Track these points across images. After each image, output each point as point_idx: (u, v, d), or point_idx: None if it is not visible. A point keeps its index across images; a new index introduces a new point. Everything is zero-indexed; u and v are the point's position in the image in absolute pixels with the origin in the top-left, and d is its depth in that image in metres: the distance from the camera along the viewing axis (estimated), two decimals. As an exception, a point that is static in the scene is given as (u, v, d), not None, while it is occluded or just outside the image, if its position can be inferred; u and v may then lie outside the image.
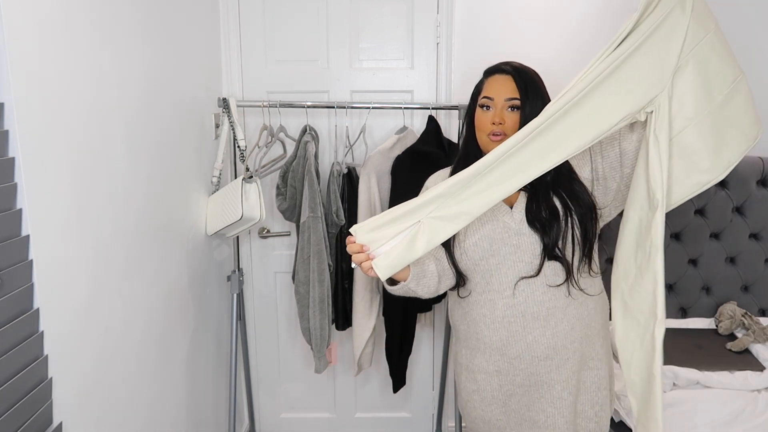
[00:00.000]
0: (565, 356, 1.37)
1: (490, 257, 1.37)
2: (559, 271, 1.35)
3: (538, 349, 1.36)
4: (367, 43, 2.18)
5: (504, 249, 1.36)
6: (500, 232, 1.36)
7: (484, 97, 1.39)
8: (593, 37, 2.12)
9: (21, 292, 1.00)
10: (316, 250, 1.89)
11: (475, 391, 1.46)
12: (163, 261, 1.61)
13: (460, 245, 1.39)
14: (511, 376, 1.41)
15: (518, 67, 1.40)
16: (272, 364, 2.46)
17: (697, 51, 1.18)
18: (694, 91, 1.18)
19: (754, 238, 2.22)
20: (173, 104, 1.67)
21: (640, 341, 1.21)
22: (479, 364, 1.44)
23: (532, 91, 1.35)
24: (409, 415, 2.50)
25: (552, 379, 1.39)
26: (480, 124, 1.39)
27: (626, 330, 1.25)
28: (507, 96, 1.36)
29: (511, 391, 1.42)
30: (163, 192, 1.61)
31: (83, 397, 1.21)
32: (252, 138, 2.14)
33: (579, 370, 1.40)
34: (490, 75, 1.42)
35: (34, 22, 1.02)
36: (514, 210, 1.37)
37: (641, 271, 1.21)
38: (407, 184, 1.92)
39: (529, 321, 1.36)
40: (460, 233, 1.38)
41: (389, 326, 1.99)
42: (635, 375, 1.23)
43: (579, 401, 1.42)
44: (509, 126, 1.35)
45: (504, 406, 1.44)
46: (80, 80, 1.18)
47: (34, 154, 1.03)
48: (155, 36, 1.55)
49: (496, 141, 1.34)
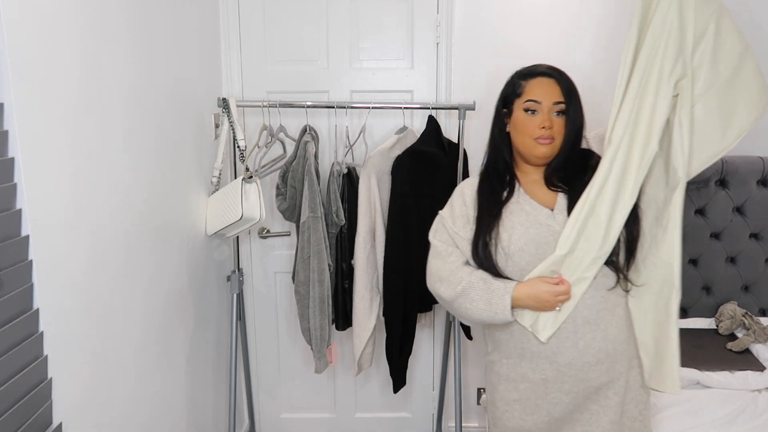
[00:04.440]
0: (615, 358, 1.35)
1: (537, 262, 1.34)
2: (607, 272, 1.33)
3: (589, 354, 1.33)
4: (367, 43, 2.18)
5: (550, 253, 1.32)
6: (545, 235, 1.34)
7: (530, 101, 1.36)
8: (593, 37, 2.12)
9: (21, 292, 1.00)
10: (316, 250, 1.89)
11: (516, 401, 1.42)
12: (162, 261, 1.61)
13: (505, 251, 1.36)
14: (559, 384, 1.37)
15: (560, 71, 1.39)
16: (272, 364, 2.46)
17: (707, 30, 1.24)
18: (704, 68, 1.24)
19: (755, 238, 2.22)
20: (173, 104, 1.67)
21: (653, 305, 1.29)
22: (524, 373, 1.40)
23: (574, 95, 1.36)
24: (409, 415, 2.50)
25: (602, 383, 1.36)
26: (524, 128, 1.37)
27: (638, 297, 1.32)
28: (554, 100, 1.35)
29: (557, 399, 1.38)
30: (163, 192, 1.61)
31: (83, 397, 1.21)
32: (252, 138, 2.14)
33: (627, 370, 1.38)
34: (531, 77, 1.39)
35: (34, 22, 1.02)
36: (556, 212, 1.35)
37: (657, 243, 1.27)
38: (407, 184, 1.92)
39: (579, 326, 1.33)
40: (503, 239, 1.36)
41: (389, 326, 1.99)
42: (647, 336, 1.31)
43: (625, 401, 1.40)
44: (557, 130, 1.35)
45: (548, 415, 1.40)
46: (80, 80, 1.18)
47: (34, 154, 1.03)
48: (155, 36, 1.55)
49: (545, 144, 1.35)
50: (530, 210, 1.37)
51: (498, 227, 1.37)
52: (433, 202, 2.00)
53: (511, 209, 1.39)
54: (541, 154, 1.37)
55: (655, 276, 1.28)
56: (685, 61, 1.22)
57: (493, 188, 1.43)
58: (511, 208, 1.39)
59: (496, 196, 1.42)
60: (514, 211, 1.38)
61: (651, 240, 1.29)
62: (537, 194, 1.41)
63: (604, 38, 2.12)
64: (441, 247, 1.46)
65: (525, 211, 1.38)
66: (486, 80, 2.17)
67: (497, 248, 1.37)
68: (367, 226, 1.94)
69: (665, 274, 1.26)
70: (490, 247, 1.37)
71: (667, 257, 1.25)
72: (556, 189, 1.39)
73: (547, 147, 1.36)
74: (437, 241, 1.48)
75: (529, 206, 1.38)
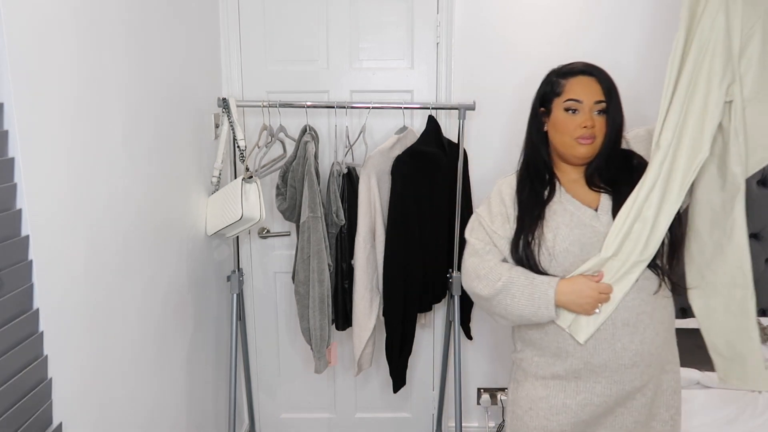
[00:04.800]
0: (648, 362, 1.34)
1: (580, 262, 1.33)
2: (649, 275, 1.32)
3: (625, 357, 1.32)
4: (367, 43, 2.18)
5: (594, 253, 1.32)
6: (590, 236, 1.32)
7: (571, 99, 1.34)
8: (593, 37, 2.12)
9: (21, 292, 1.00)
10: (316, 250, 1.89)
11: (543, 398, 1.40)
12: (162, 261, 1.61)
13: (550, 251, 1.34)
14: (591, 383, 1.36)
15: (601, 69, 1.37)
16: (272, 364, 2.46)
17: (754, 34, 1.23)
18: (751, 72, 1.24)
19: (754, 238, 2.22)
20: (173, 104, 1.67)
21: (724, 308, 1.31)
22: (555, 371, 1.38)
23: (614, 94, 1.34)
24: (409, 415, 2.50)
25: (635, 387, 1.35)
26: (564, 128, 1.35)
27: (705, 300, 1.34)
28: (595, 99, 1.33)
29: (587, 401, 1.36)
30: (163, 192, 1.61)
31: (83, 397, 1.21)
32: (252, 138, 2.14)
33: (659, 374, 1.37)
34: (571, 76, 1.37)
35: (33, 22, 1.02)
36: (600, 213, 1.34)
37: (721, 248, 1.29)
38: (407, 184, 1.92)
39: (618, 328, 1.31)
40: (548, 239, 1.35)
41: (389, 326, 1.99)
42: (718, 338, 1.34)
43: (654, 404, 1.39)
44: (598, 129, 1.33)
45: (574, 417, 1.38)
46: (80, 80, 1.18)
47: (34, 154, 1.03)
48: (155, 35, 1.55)
49: (586, 144, 1.34)
50: (574, 210, 1.36)
51: (542, 227, 1.35)
52: (432, 202, 2.01)
53: (554, 209, 1.37)
54: (582, 154, 1.35)
55: (723, 281, 1.30)
56: (734, 66, 1.22)
57: (533, 187, 1.41)
58: (554, 208, 1.37)
59: (537, 196, 1.39)
60: (558, 211, 1.36)
61: (713, 245, 1.30)
62: (579, 194, 1.39)
63: (605, 38, 2.12)
64: (478, 245, 1.44)
65: (569, 212, 1.36)
66: (486, 80, 2.17)
67: (541, 248, 1.35)
68: (367, 226, 1.94)
69: (735, 277, 1.28)
70: (533, 246, 1.35)
71: (737, 262, 1.27)
72: (598, 189, 1.37)
73: (587, 147, 1.34)
74: (474, 239, 1.46)
75: (573, 206, 1.36)
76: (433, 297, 2.10)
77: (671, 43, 1.27)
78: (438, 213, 2.01)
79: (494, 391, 2.43)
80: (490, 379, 2.44)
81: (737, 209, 1.25)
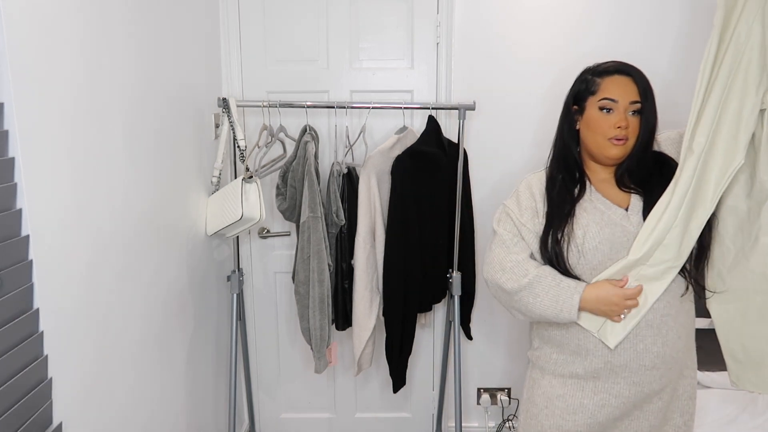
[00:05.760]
0: (670, 365, 1.33)
1: (609, 261, 1.32)
2: (678, 279, 1.32)
3: (647, 358, 1.31)
4: (367, 43, 2.18)
5: (623, 253, 1.31)
6: (619, 235, 1.32)
7: (606, 99, 1.32)
8: (593, 37, 2.12)
9: (21, 292, 1.00)
10: (316, 250, 1.89)
11: (560, 397, 1.38)
12: (162, 261, 1.61)
13: (579, 248, 1.33)
14: (610, 384, 1.35)
15: (637, 69, 1.35)
16: (272, 364, 2.46)
17: None
18: None
19: (754, 238, 2.22)
20: (173, 104, 1.67)
21: (742, 314, 1.31)
22: (574, 370, 1.37)
23: (650, 95, 1.32)
24: (409, 415, 2.50)
25: (653, 390, 1.35)
26: (599, 127, 1.33)
27: (723, 305, 1.34)
28: (631, 99, 1.31)
29: (604, 401, 1.35)
30: (163, 192, 1.61)
31: (83, 397, 1.21)
32: (252, 138, 2.14)
33: (677, 378, 1.37)
34: (607, 75, 1.35)
35: (34, 22, 1.02)
36: (630, 212, 1.33)
37: (745, 254, 1.28)
38: (407, 184, 1.92)
39: (642, 329, 1.31)
40: (577, 236, 1.34)
41: (389, 326, 1.99)
42: (735, 343, 1.35)
43: (670, 408, 1.39)
44: (632, 130, 1.32)
45: (591, 417, 1.36)
46: (80, 80, 1.18)
47: (34, 154, 1.03)
48: (155, 36, 1.55)
49: (619, 145, 1.32)
50: (604, 209, 1.35)
51: (572, 224, 1.34)
52: (433, 202, 2.01)
53: (584, 207, 1.36)
54: (614, 154, 1.34)
55: (744, 286, 1.29)
56: None
57: (564, 184, 1.40)
58: (585, 206, 1.36)
59: (568, 193, 1.38)
60: (588, 209, 1.36)
61: (737, 251, 1.29)
62: (609, 193, 1.38)
63: (606, 38, 2.12)
64: (506, 236, 1.42)
65: (599, 210, 1.35)
66: (486, 81, 2.17)
67: (570, 245, 1.34)
68: (367, 226, 1.94)
69: (758, 283, 1.27)
70: (562, 243, 1.34)
71: (761, 268, 1.26)
72: (628, 190, 1.36)
73: (620, 148, 1.33)
74: (503, 230, 1.43)
75: (603, 205, 1.35)
76: (433, 297, 2.10)
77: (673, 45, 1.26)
78: (438, 213, 2.01)
79: (494, 391, 2.43)
80: (490, 379, 2.44)
81: (764, 216, 1.24)
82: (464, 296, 2.06)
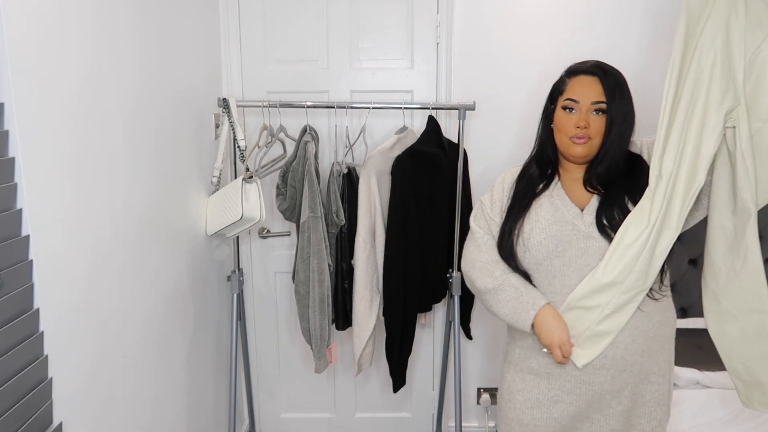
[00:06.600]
0: (621, 367, 1.34)
1: (555, 258, 1.34)
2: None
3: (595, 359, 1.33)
4: (367, 43, 2.18)
5: (570, 251, 1.32)
6: (568, 234, 1.33)
7: (568, 99, 1.34)
8: (595, 37, 2.12)
9: (21, 292, 1.00)
10: (316, 250, 1.89)
11: (519, 391, 1.43)
12: (162, 261, 1.61)
13: (525, 243, 1.36)
14: (562, 381, 1.37)
15: (604, 68, 1.35)
16: (272, 364, 2.46)
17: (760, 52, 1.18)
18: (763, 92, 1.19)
19: (754, 238, 2.22)
20: (173, 104, 1.67)
21: (741, 334, 1.30)
22: (530, 365, 1.41)
23: (618, 94, 1.32)
24: (409, 415, 2.50)
25: (603, 389, 1.36)
26: (562, 127, 1.36)
27: (721, 325, 1.33)
28: (593, 99, 1.32)
29: (557, 398, 1.38)
30: (163, 192, 1.61)
31: (83, 397, 1.21)
32: (252, 138, 2.14)
33: (637, 382, 1.36)
34: (574, 75, 1.37)
35: (34, 22, 1.02)
36: (585, 213, 1.34)
37: (736, 273, 1.26)
38: (407, 184, 1.92)
39: None
40: (525, 231, 1.37)
41: (389, 326, 1.99)
42: (737, 363, 1.33)
43: (634, 414, 1.39)
44: (594, 129, 1.32)
45: (546, 412, 1.39)
46: (80, 80, 1.18)
47: (34, 154, 1.03)
48: (155, 36, 1.55)
49: (580, 144, 1.33)
50: (560, 206, 1.37)
51: (524, 218, 1.38)
52: (433, 202, 2.01)
53: (541, 202, 1.39)
54: (577, 153, 1.35)
55: (739, 306, 1.28)
56: (737, 88, 1.19)
57: (531, 179, 1.44)
58: (542, 201, 1.39)
59: (531, 188, 1.42)
60: (544, 205, 1.38)
61: (728, 271, 1.28)
62: (574, 192, 1.39)
63: (606, 38, 2.12)
64: (478, 233, 1.48)
65: (555, 207, 1.37)
66: (486, 81, 2.17)
67: (518, 239, 1.37)
68: (367, 226, 1.94)
69: (751, 303, 1.26)
70: (513, 236, 1.38)
71: (753, 287, 1.24)
72: (593, 191, 1.37)
73: (583, 147, 1.33)
74: (476, 226, 1.50)
75: (561, 202, 1.37)
76: (433, 297, 2.10)
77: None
78: (438, 213, 2.01)
79: (494, 391, 2.43)
80: (490, 379, 2.44)
81: (749, 234, 1.22)
82: (464, 296, 2.06)
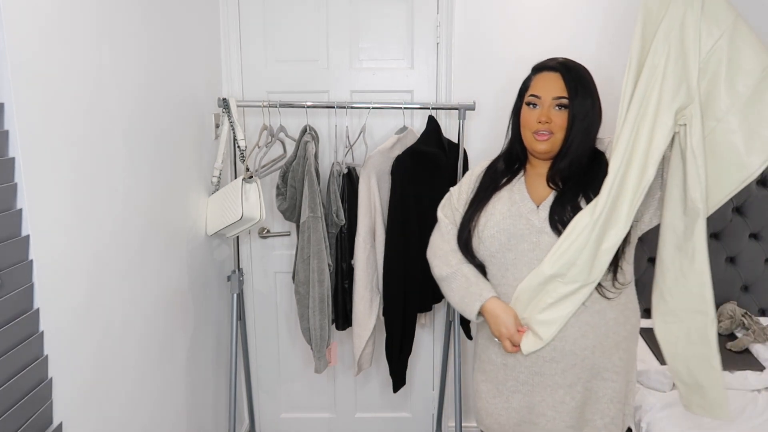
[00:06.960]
0: (572, 362, 1.35)
1: (507, 251, 1.36)
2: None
3: (544, 350, 1.34)
4: (367, 43, 2.18)
5: (522, 245, 1.34)
6: (522, 228, 1.34)
7: (531, 95, 1.36)
8: (594, 38, 2.12)
9: (21, 292, 1.00)
10: (316, 250, 1.89)
11: (483, 381, 1.48)
12: (163, 261, 1.61)
13: (479, 235, 1.39)
14: (516, 372, 1.40)
15: (567, 64, 1.37)
16: (272, 364, 2.46)
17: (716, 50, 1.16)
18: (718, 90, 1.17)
19: (754, 238, 2.22)
20: (173, 104, 1.67)
21: (685, 335, 1.27)
22: (489, 356, 1.46)
23: (581, 89, 1.33)
24: (409, 415, 2.50)
25: (555, 382, 1.37)
26: (525, 122, 1.37)
27: (667, 325, 1.31)
28: (555, 94, 1.33)
29: (514, 388, 1.41)
30: (163, 192, 1.61)
31: (83, 397, 1.21)
32: (252, 138, 2.14)
33: (589, 378, 1.37)
34: (537, 72, 1.39)
35: (34, 22, 1.02)
36: (541, 208, 1.35)
37: (683, 273, 1.25)
38: (407, 184, 1.92)
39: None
40: (480, 223, 1.40)
41: (389, 326, 1.99)
42: (680, 365, 1.31)
43: (587, 410, 1.39)
44: (556, 125, 1.33)
45: (506, 402, 1.43)
46: (80, 80, 1.18)
47: (34, 154, 1.03)
48: (155, 36, 1.55)
49: (542, 140, 1.34)
50: (518, 200, 1.38)
51: (481, 210, 1.41)
52: (433, 202, 2.00)
53: (500, 196, 1.41)
54: (540, 149, 1.36)
55: (685, 307, 1.26)
56: (690, 86, 1.17)
57: (495, 173, 1.46)
58: (501, 195, 1.41)
59: (494, 182, 1.45)
60: (502, 198, 1.40)
61: (675, 270, 1.27)
62: (535, 187, 1.40)
63: (606, 37, 2.12)
64: (443, 222, 1.53)
65: (512, 201, 1.39)
66: (486, 80, 2.17)
67: (474, 230, 1.41)
68: (367, 226, 1.94)
69: (696, 304, 1.24)
70: (471, 227, 1.41)
71: (698, 288, 1.22)
72: (553, 186, 1.38)
73: (545, 143, 1.34)
74: (442, 215, 1.54)
75: (519, 196, 1.39)
76: (433, 297, 2.10)
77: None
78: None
79: (494, 391, 2.43)
80: (490, 379, 2.44)
81: (697, 234, 1.20)
82: (464, 296, 2.06)
